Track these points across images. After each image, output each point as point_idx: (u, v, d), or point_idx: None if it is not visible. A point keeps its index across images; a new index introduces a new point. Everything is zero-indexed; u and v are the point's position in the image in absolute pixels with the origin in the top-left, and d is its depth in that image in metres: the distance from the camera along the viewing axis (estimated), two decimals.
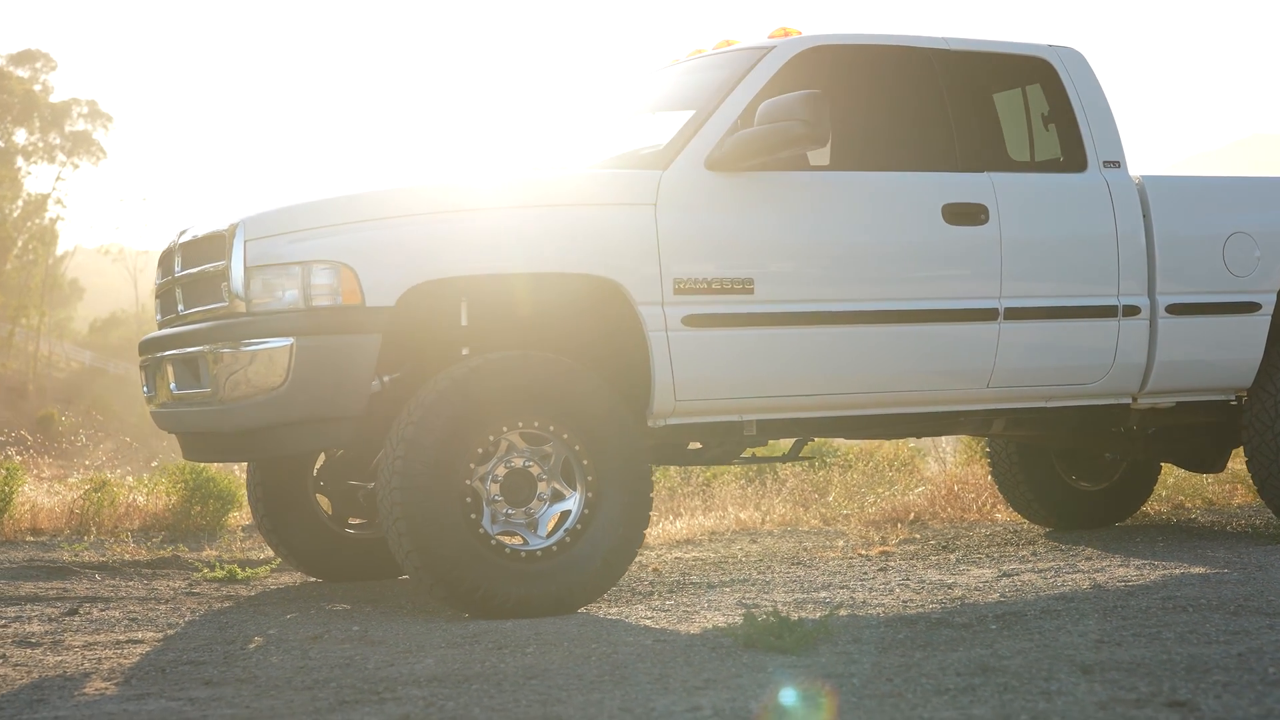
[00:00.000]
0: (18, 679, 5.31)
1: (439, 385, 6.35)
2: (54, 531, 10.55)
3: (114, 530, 10.42)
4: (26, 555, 9.13)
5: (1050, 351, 7.47)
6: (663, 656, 5.20)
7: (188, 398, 6.81)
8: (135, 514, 10.84)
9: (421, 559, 6.28)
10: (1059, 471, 9.50)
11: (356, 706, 4.53)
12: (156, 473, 12.13)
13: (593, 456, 6.53)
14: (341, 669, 5.24)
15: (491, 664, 5.19)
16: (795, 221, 7.02)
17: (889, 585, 7.08)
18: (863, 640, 5.40)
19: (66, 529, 10.58)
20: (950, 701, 4.20)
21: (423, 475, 6.26)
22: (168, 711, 4.58)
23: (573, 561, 6.49)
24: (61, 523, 10.65)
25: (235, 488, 11.10)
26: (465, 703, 4.50)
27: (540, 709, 4.34)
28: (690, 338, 6.75)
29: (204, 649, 5.83)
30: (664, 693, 4.52)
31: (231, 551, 9.32)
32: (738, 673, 4.80)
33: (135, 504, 11.00)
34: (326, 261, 6.37)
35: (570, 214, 6.70)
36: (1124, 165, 7.73)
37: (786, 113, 6.69)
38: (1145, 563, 7.55)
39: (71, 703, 4.84)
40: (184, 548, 9.50)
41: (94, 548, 9.48)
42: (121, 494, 11.11)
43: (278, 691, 4.86)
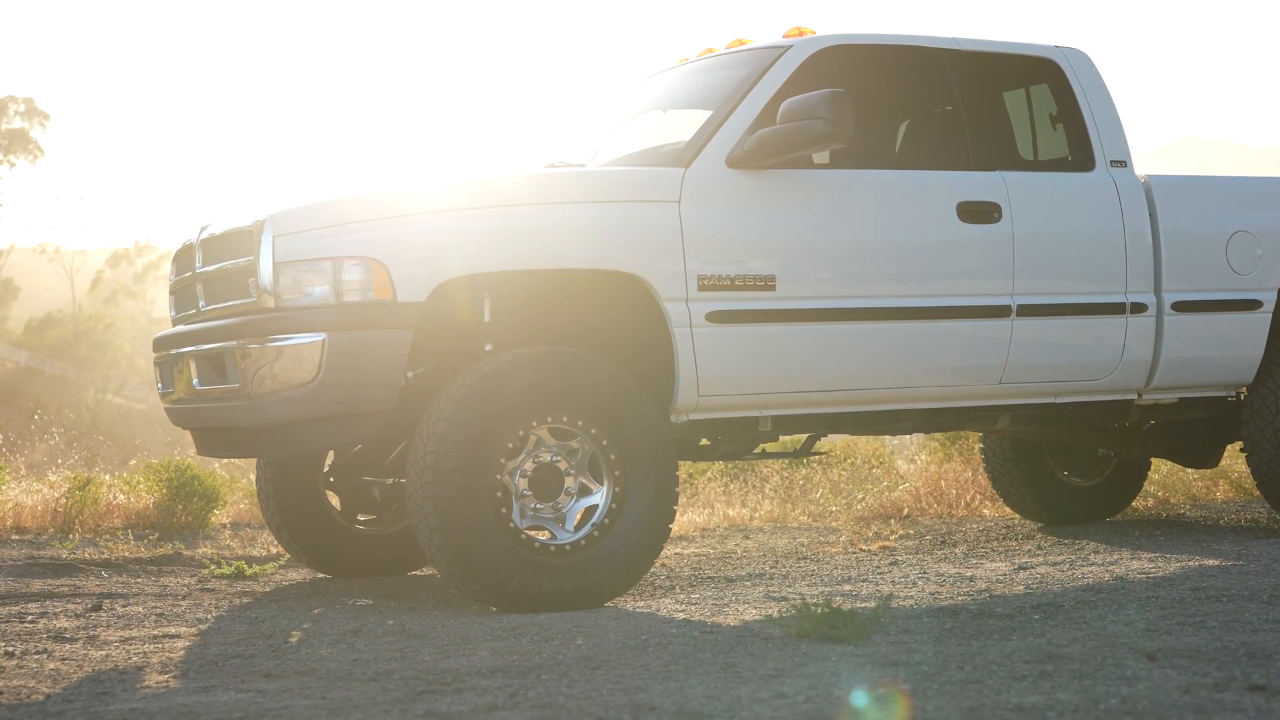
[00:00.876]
0: (70, 672, 5.31)
1: (469, 380, 6.39)
2: (38, 529, 10.50)
3: (96, 528, 10.39)
4: (23, 553, 9.09)
5: (1060, 348, 7.59)
6: (719, 647, 5.26)
7: (212, 393, 6.81)
8: (118, 512, 10.80)
9: (453, 553, 6.31)
10: (1052, 468, 9.64)
11: (436, 696, 4.56)
12: (139, 471, 12.09)
13: (620, 451, 6.59)
14: (397, 661, 5.27)
15: (548, 655, 5.23)
16: (815, 219, 7.10)
17: (908, 578, 7.17)
18: (912, 630, 5.48)
19: (51, 527, 10.54)
20: (1031, 687, 4.28)
21: (454, 470, 6.29)
22: (242, 704, 4.60)
23: (601, 555, 6.54)
24: (45, 521, 10.60)
25: (218, 486, 11.09)
26: (545, 691, 4.55)
27: (625, 697, 4.39)
28: (714, 334, 6.82)
29: (244, 643, 5.84)
30: (739, 681, 4.58)
31: (231, 548, 9.31)
32: (803, 662, 4.86)
33: (116, 502, 10.96)
34: (358, 257, 6.39)
35: (597, 210, 6.75)
36: (1130, 165, 7.86)
37: (809, 111, 6.76)
38: (1156, 555, 7.68)
39: (138, 695, 4.85)
40: (180, 545, 9.48)
41: (90, 545, 9.46)
42: (103, 492, 11.06)
43: (345, 683, 4.89)
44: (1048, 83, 7.96)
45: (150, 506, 10.82)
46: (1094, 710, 3.94)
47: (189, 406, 7.14)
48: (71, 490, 10.94)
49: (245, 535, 10.20)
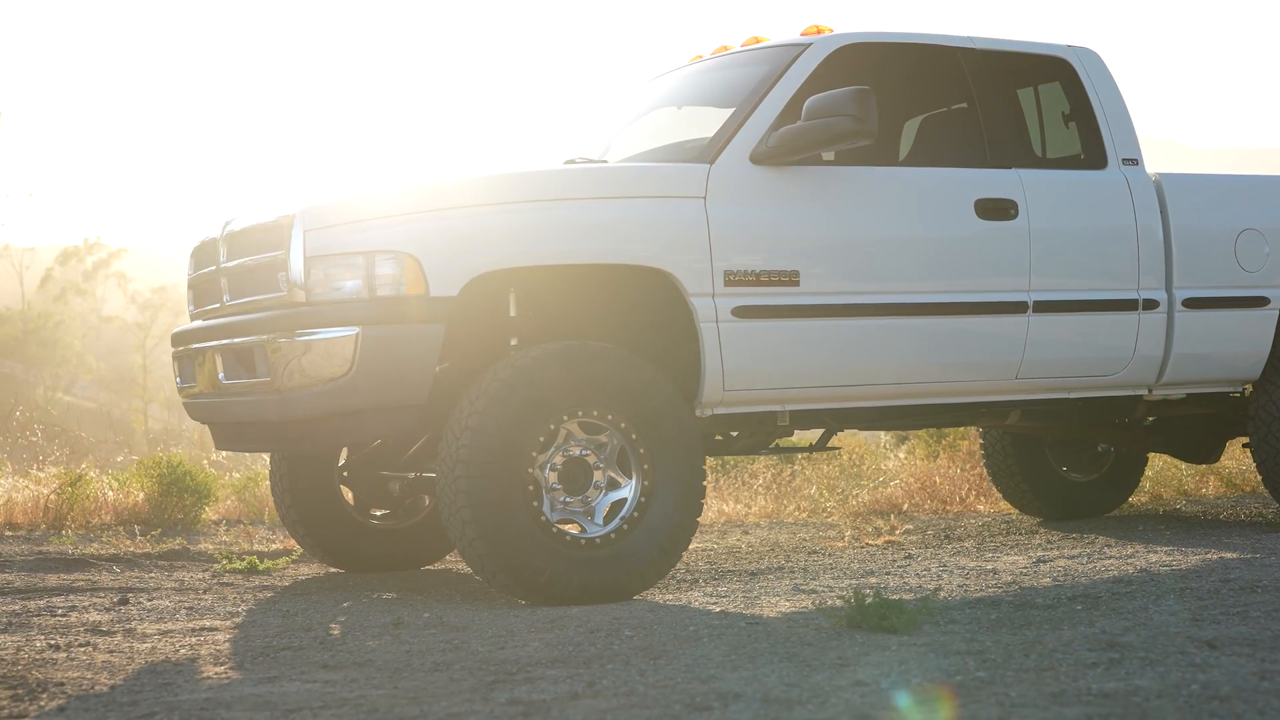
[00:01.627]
0: (122, 664, 5.31)
1: (501, 374, 6.42)
2: (30, 525, 10.47)
3: (87, 524, 10.37)
4: (26, 549, 9.07)
5: (1075, 344, 7.68)
6: (774, 638, 5.31)
7: (239, 388, 6.82)
8: (107, 508, 10.77)
9: (485, 546, 6.34)
10: (1051, 463, 9.74)
11: (510, 685, 4.59)
12: (130, 468, 12.06)
13: (649, 445, 6.63)
14: (451, 653, 5.30)
15: (601, 647, 5.27)
16: (838, 215, 7.16)
17: (930, 572, 7.24)
18: (960, 621, 5.55)
19: (43, 523, 10.51)
20: (1105, 674, 4.35)
21: (487, 463, 6.32)
22: (315, 694, 4.62)
23: (630, 549, 6.58)
24: (37, 516, 10.57)
25: (210, 482, 11.08)
26: (620, 680, 4.59)
27: (702, 685, 4.44)
28: (739, 328, 6.87)
29: (286, 636, 5.85)
30: (809, 670, 4.63)
31: (238, 544, 9.30)
32: (864, 651, 4.92)
33: (106, 498, 10.93)
34: (391, 251, 6.41)
35: (626, 206, 6.79)
36: (1141, 163, 7.96)
37: (835, 108, 6.82)
38: (1171, 549, 7.79)
39: (203, 686, 4.86)
40: (183, 540, 9.47)
41: (90, 541, 9.44)
42: (94, 488, 11.04)
43: (408, 673, 4.91)
44: (1060, 81, 8.05)
45: (141, 502, 10.80)
46: (1178, 695, 4.02)
47: (211, 401, 7.14)
48: (63, 486, 10.91)
49: (240, 531, 10.18)
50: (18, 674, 5.11)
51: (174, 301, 64.70)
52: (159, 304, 66.66)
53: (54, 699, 4.69)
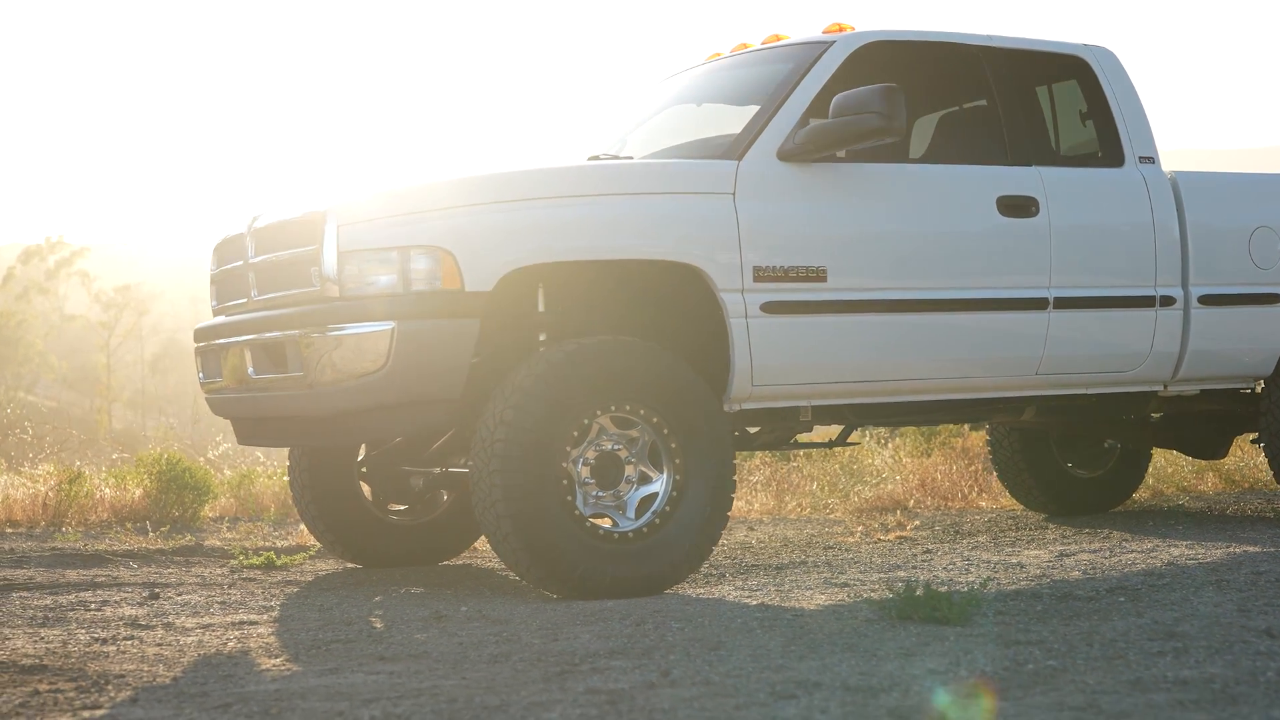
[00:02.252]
0: (174, 657, 5.32)
1: (537, 369, 6.44)
2: (30, 523, 10.45)
3: (83, 521, 10.36)
4: (37, 546, 9.05)
5: (1093, 340, 7.75)
6: (827, 629, 5.35)
7: (269, 382, 6.82)
8: (104, 505, 10.76)
9: (521, 539, 6.36)
10: (1058, 460, 9.82)
11: (580, 676, 4.62)
12: (128, 465, 12.04)
13: (680, 440, 6.66)
14: (504, 645, 5.32)
15: (655, 639, 5.30)
16: (864, 212, 7.21)
17: (955, 566, 7.29)
18: (1008, 613, 5.60)
19: (43, 520, 10.49)
20: (1176, 661, 4.41)
21: (522, 457, 6.34)
22: (384, 684, 4.63)
23: (663, 543, 6.62)
24: (36, 514, 10.55)
25: (209, 479, 11.07)
26: (690, 670, 4.62)
27: (775, 674, 4.48)
28: (768, 324, 6.91)
29: (330, 629, 5.86)
30: (875, 659, 4.67)
31: (249, 540, 9.30)
32: (925, 641, 4.97)
33: (103, 496, 10.91)
34: (426, 246, 6.42)
35: (658, 202, 6.83)
36: (1158, 161, 8.04)
37: (862, 105, 6.87)
38: (1190, 542, 7.87)
39: (265, 677, 4.87)
40: (193, 536, 9.47)
41: (96, 537, 9.44)
42: (92, 486, 11.03)
43: (470, 665, 4.93)
44: (1077, 79, 8.12)
45: (139, 499, 10.79)
46: (1256, 682, 4.08)
47: (238, 396, 7.14)
48: (62, 484, 10.89)
49: (242, 528, 10.18)
50: (74, 666, 5.12)
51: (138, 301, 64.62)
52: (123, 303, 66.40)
53: (121, 690, 4.70)
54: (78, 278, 69.62)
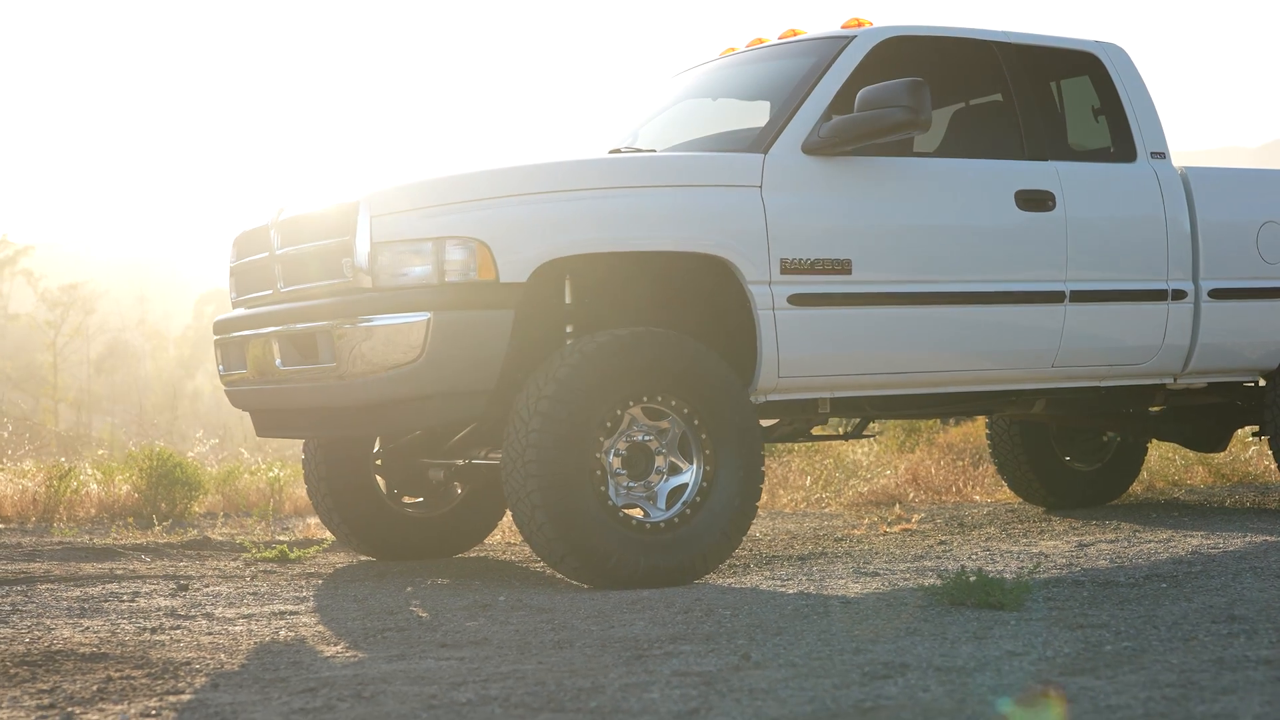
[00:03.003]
0: (233, 645, 5.31)
1: (571, 360, 6.46)
2: (21, 518, 10.42)
3: (71, 517, 10.33)
4: (34, 540, 9.01)
5: (1108, 333, 7.84)
6: (884, 615, 5.40)
7: (298, 374, 6.81)
8: (91, 500, 10.72)
9: (555, 529, 6.39)
10: (1057, 453, 9.92)
11: (660, 659, 4.65)
12: (119, 461, 12.00)
13: (711, 431, 6.70)
14: (561, 632, 5.35)
15: (712, 625, 5.34)
16: (888, 205, 7.28)
17: (979, 555, 7.37)
18: (1055, 599, 5.67)
19: (33, 515, 10.45)
20: (1249, 643, 4.48)
21: (558, 448, 6.37)
22: (458, 669, 4.65)
23: (693, 533, 6.65)
24: (27, 509, 10.52)
25: (199, 476, 11.06)
26: (769, 653, 4.66)
27: (857, 656, 4.53)
28: (795, 316, 6.96)
29: (375, 618, 5.86)
30: (947, 642, 4.73)
31: (254, 534, 9.29)
32: (989, 625, 5.03)
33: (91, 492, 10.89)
34: (461, 237, 6.44)
35: (689, 195, 6.87)
36: (1168, 156, 8.14)
37: (889, 99, 6.93)
38: (1207, 533, 7.98)
39: (337, 663, 4.87)
40: (195, 531, 9.45)
41: (92, 533, 9.43)
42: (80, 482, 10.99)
43: (536, 650, 4.95)
44: (1089, 75, 8.21)
45: (132, 495, 10.76)
46: None
47: (263, 387, 7.14)
48: (52, 479, 10.86)
49: (236, 524, 10.16)
50: (136, 654, 5.11)
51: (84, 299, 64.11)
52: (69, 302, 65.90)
53: (194, 676, 4.70)
54: (22, 276, 69.02)
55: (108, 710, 4.23)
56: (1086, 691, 3.89)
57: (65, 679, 4.70)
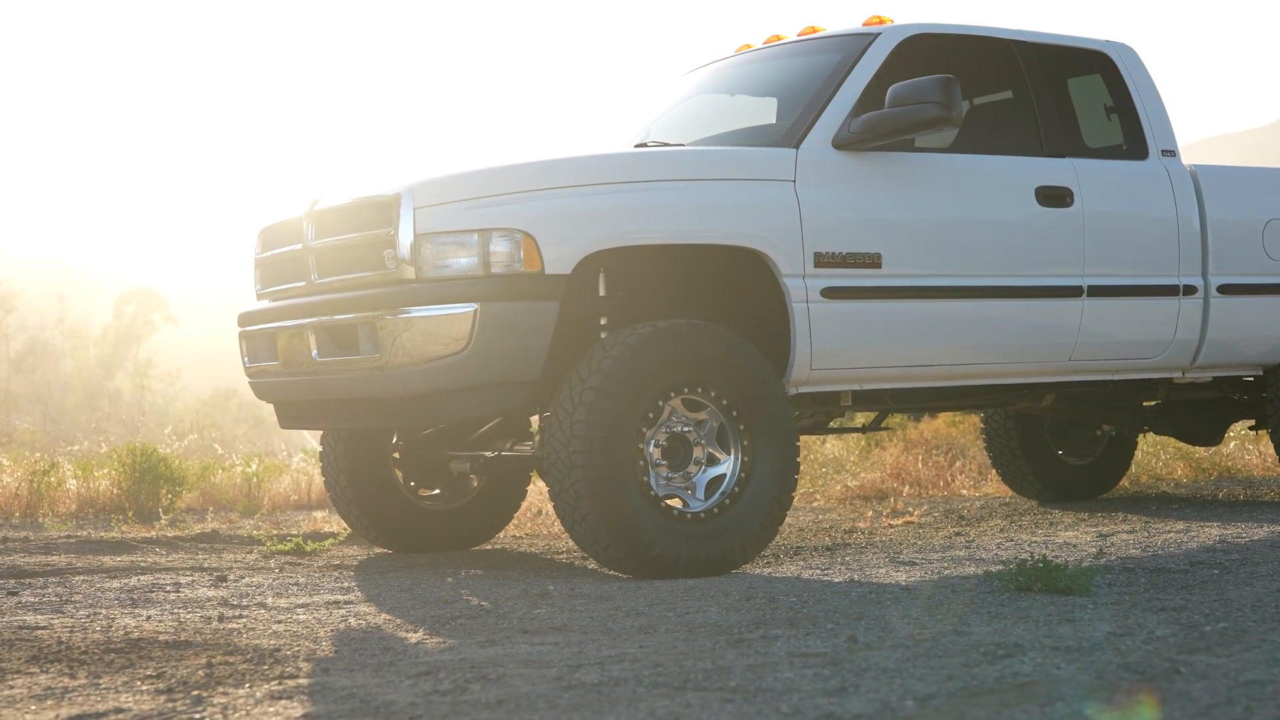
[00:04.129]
0: (312, 634, 5.30)
1: (614, 351, 6.51)
2: (4, 514, 10.33)
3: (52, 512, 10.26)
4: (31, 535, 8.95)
5: (1123, 328, 7.98)
6: (955, 600, 5.49)
7: (336, 365, 6.81)
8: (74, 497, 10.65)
9: (600, 519, 6.44)
10: (1051, 447, 10.06)
11: (759, 642, 4.70)
12: (103, 456, 11.93)
13: (749, 423, 6.78)
14: (639, 618, 5.39)
15: (787, 611, 5.40)
16: (915, 200, 7.38)
17: (1006, 546, 7.48)
18: (1116, 584, 5.78)
19: (17, 511, 10.37)
20: None
21: (603, 439, 6.42)
22: (563, 653, 4.67)
23: (732, 523, 6.72)
24: (8, 504, 10.43)
25: (185, 471, 11.00)
26: (875, 635, 4.73)
27: (955, 638, 4.60)
28: (828, 309, 7.05)
29: (434, 607, 5.87)
30: (1040, 625, 4.82)
31: (263, 529, 9.26)
32: (1069, 609, 5.13)
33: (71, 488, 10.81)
34: (506, 229, 6.48)
35: (725, 188, 6.95)
36: (1178, 155, 8.29)
37: (921, 95, 7.03)
38: (1222, 523, 8.15)
39: (432, 648, 4.89)
40: (198, 525, 9.42)
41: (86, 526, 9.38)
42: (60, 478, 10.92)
43: (624, 635, 4.99)
44: (1100, 74, 8.36)
45: (111, 491, 10.70)
46: None
47: (296, 379, 7.13)
48: (36, 475, 10.78)
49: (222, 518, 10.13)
50: (219, 642, 5.10)
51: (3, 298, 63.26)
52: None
53: (297, 661, 4.70)
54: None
55: (232, 693, 4.24)
56: (1216, 668, 3.99)
57: (165, 665, 4.69)
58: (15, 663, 4.81)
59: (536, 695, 4.00)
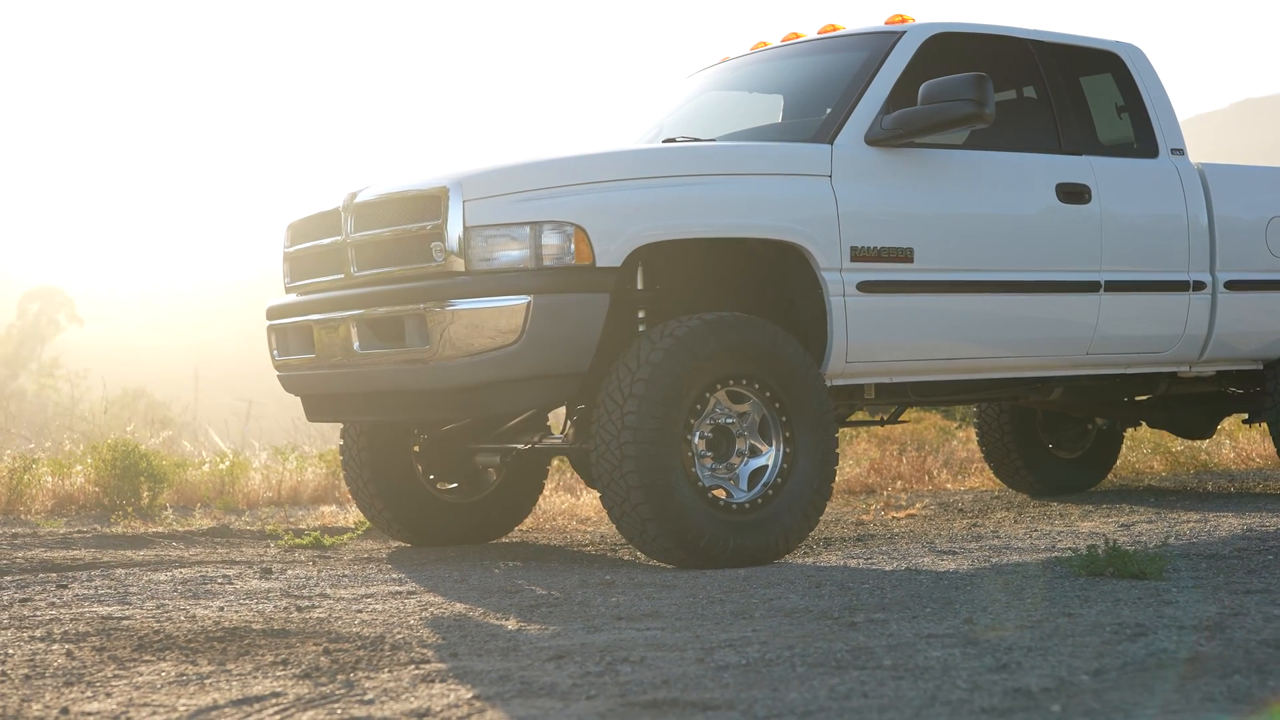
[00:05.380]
0: (402, 622, 5.32)
1: (663, 343, 6.57)
2: None
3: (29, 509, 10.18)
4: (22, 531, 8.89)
5: (1137, 322, 8.15)
6: (1030, 586, 5.60)
7: (381, 357, 6.82)
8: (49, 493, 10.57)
9: (651, 510, 6.49)
10: (1043, 441, 10.23)
11: (870, 626, 4.78)
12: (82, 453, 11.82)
13: (790, 414, 6.86)
14: (726, 604, 5.44)
15: (875, 598, 5.46)
16: (945, 195, 7.50)
17: (1033, 535, 7.61)
18: (1183, 570, 5.91)
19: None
20: None
21: (654, 429, 6.48)
22: (674, 638, 4.72)
23: (775, 514, 6.80)
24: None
25: (168, 468, 10.94)
26: (990, 618, 4.82)
27: (1068, 620, 4.71)
28: (863, 303, 7.15)
29: (504, 597, 5.89)
30: (1131, 607, 4.93)
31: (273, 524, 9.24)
32: (1153, 593, 5.25)
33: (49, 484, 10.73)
34: (558, 222, 6.52)
35: (768, 182, 7.04)
36: (1186, 153, 8.47)
37: (954, 93, 7.15)
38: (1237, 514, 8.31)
39: (536, 635, 4.91)
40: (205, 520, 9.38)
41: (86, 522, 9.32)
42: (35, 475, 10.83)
43: (719, 620, 5.04)
44: (1111, 73, 8.52)
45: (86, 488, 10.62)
46: None
47: (335, 372, 7.12)
48: (15, 472, 10.68)
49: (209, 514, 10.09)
50: (319, 631, 5.11)
51: None
52: None
53: (413, 648, 4.72)
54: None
55: (376, 676, 4.26)
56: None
57: (281, 651, 4.70)
58: (124, 651, 4.80)
59: (695, 675, 4.05)
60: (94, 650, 4.84)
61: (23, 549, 7.87)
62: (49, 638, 5.08)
